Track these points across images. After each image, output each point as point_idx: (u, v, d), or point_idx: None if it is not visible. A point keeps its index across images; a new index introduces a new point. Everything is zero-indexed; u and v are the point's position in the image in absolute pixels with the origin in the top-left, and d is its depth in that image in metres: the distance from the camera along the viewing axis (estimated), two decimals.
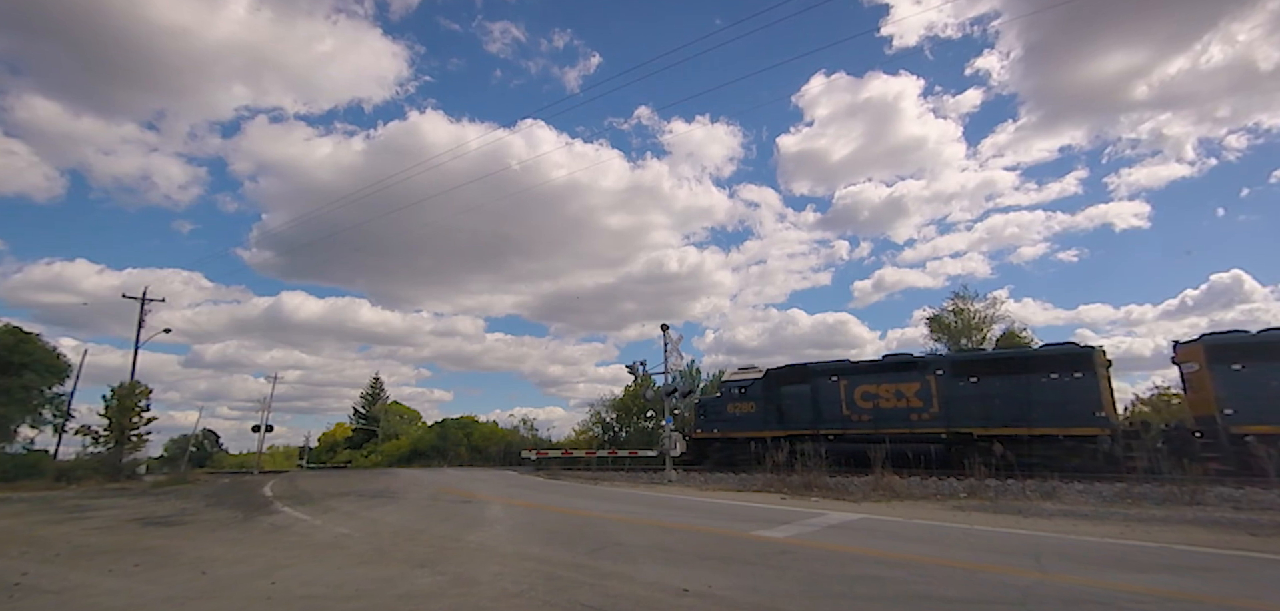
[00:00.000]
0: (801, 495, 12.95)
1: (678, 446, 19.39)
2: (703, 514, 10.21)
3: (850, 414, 19.75)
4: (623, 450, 23.61)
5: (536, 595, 4.90)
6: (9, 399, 24.46)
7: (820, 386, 20.71)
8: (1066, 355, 16.98)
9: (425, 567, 6.06)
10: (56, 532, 9.05)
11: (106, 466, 23.00)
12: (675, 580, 5.31)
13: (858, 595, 4.82)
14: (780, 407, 21.49)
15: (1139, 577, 5.35)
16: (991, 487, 12.40)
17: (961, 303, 31.34)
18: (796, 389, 21.33)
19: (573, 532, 8.32)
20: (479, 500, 12.86)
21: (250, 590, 5.28)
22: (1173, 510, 9.76)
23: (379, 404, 52.74)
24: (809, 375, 21.20)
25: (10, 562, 6.65)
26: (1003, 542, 7.16)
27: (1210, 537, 7.42)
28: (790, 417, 21.01)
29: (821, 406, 20.44)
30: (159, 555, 7.10)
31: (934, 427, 18.19)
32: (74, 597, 5.23)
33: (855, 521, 9.03)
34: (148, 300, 28.84)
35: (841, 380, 20.29)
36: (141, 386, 25.88)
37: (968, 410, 17.72)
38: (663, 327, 21.68)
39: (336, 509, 11.54)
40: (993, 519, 9.19)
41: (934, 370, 18.90)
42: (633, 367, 23.24)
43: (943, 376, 18.55)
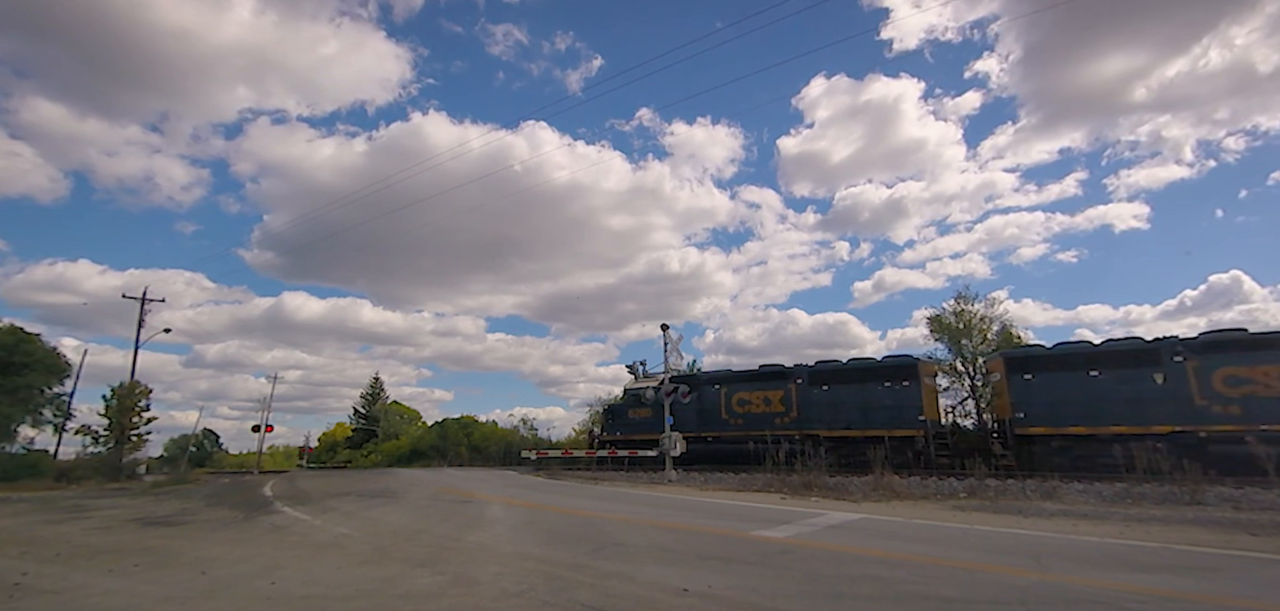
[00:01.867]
0: (801, 495, 12.95)
1: (678, 446, 19.39)
2: (702, 514, 10.21)
3: (728, 418, 22.06)
4: (623, 450, 23.58)
5: (536, 595, 4.89)
6: (9, 399, 24.46)
7: (706, 394, 22.97)
8: (896, 367, 19.34)
9: (425, 567, 6.06)
10: (56, 532, 9.05)
11: (106, 466, 23.02)
12: (675, 580, 5.30)
13: (858, 595, 4.82)
14: (676, 413, 23.32)
15: (1139, 577, 5.35)
16: (991, 487, 12.40)
17: (962, 303, 31.32)
18: (689, 397, 23.10)
19: (573, 532, 8.32)
20: (479, 500, 12.86)
21: (250, 590, 5.28)
22: (1173, 510, 9.76)
23: (379, 404, 52.69)
24: (697, 384, 23.46)
25: (10, 562, 6.65)
26: (1003, 542, 7.16)
27: (1210, 537, 7.42)
28: (686, 421, 22.88)
29: (706, 412, 22.68)
30: (159, 555, 7.10)
31: (790, 430, 20.35)
32: (74, 597, 5.23)
33: (855, 521, 9.03)
34: (148, 300, 28.82)
35: (723, 388, 22.61)
36: (141, 386, 25.90)
37: (819, 414, 20.15)
38: (663, 328, 21.70)
39: (336, 509, 11.54)
40: (993, 519, 9.19)
41: (795, 379, 21.09)
42: (633, 367, 23.32)
43: (801, 385, 20.84)
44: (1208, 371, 14.87)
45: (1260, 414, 14.00)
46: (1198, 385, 14.87)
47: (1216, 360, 14.87)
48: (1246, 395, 14.36)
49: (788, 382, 21.26)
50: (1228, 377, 14.66)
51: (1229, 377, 14.64)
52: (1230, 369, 14.69)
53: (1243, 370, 14.57)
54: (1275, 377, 14.13)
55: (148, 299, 28.80)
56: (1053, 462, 15.32)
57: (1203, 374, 14.89)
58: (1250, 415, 14.20)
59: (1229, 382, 14.62)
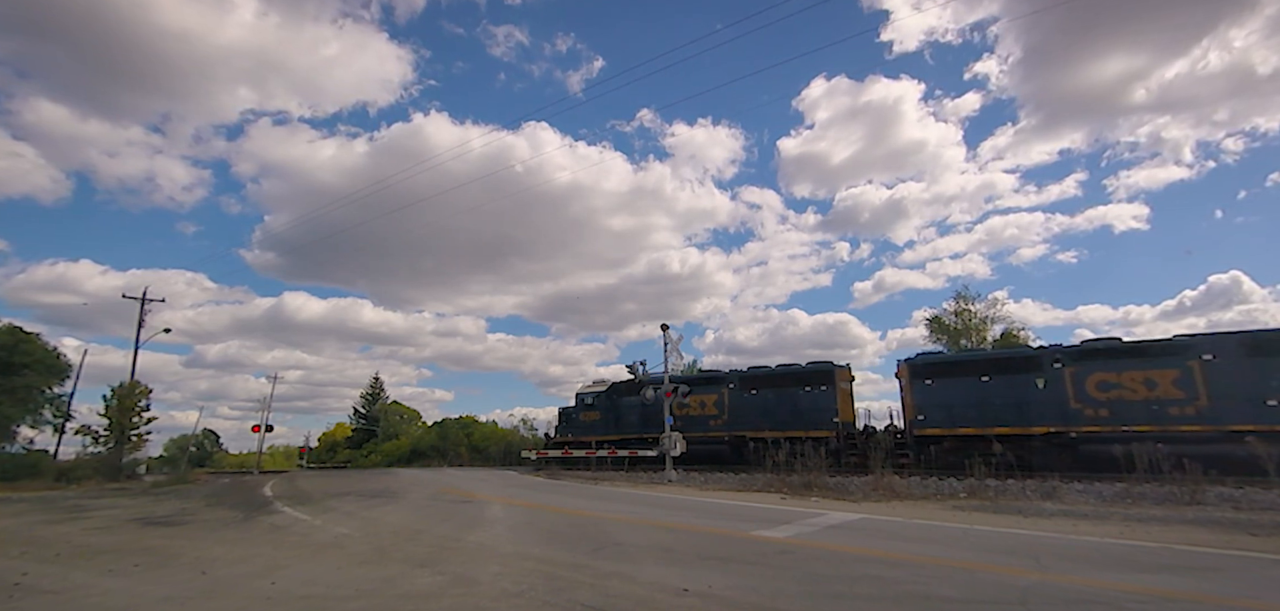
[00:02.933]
0: (801, 495, 12.95)
1: (678, 446, 19.40)
2: (702, 514, 10.21)
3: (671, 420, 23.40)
4: (622, 449, 23.61)
5: (536, 595, 4.89)
6: (9, 399, 24.46)
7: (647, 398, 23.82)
8: (815, 372, 20.79)
9: (425, 567, 6.06)
10: (56, 532, 9.05)
11: (106, 466, 22.99)
12: (675, 580, 5.30)
13: (858, 595, 4.82)
14: (618, 416, 25.09)
15: (1139, 577, 5.35)
16: (991, 488, 12.40)
17: (963, 304, 31.31)
18: (630, 400, 24.80)
19: (573, 532, 8.31)
20: (479, 500, 12.85)
21: (250, 590, 5.28)
22: (1173, 510, 9.76)
23: (379, 404, 52.64)
24: (641, 389, 24.16)
25: (10, 562, 6.65)
26: (1003, 542, 7.16)
27: (1210, 537, 7.42)
28: (625, 424, 24.55)
29: (649, 416, 23.56)
30: (159, 555, 7.10)
31: (722, 431, 21.78)
32: (74, 597, 5.23)
33: (855, 521, 9.03)
34: (148, 300, 28.81)
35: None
36: (141, 386, 25.86)
37: (748, 417, 21.42)
38: (663, 328, 21.68)
39: (336, 509, 11.53)
40: (993, 519, 9.19)
41: (728, 384, 22.51)
42: (633, 367, 23.32)
43: (733, 389, 22.24)
44: (1082, 377, 16.09)
45: (1126, 415, 15.31)
46: (1073, 390, 16.11)
47: (1090, 367, 16.15)
48: (1115, 399, 15.63)
49: (722, 387, 22.63)
50: (1099, 383, 15.90)
51: (1100, 383, 15.88)
52: (1101, 375, 15.91)
53: (1112, 376, 15.78)
54: (1140, 383, 15.37)
55: (148, 299, 28.80)
56: (946, 460, 16.76)
57: (1078, 379, 16.12)
58: (1117, 417, 15.46)
59: (1100, 387, 15.86)
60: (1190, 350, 15.33)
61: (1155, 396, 15.25)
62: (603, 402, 25.67)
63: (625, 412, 24.91)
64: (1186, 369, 15.17)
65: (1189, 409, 14.88)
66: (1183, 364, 15.22)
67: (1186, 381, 15.04)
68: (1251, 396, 14.25)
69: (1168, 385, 15.21)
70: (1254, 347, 14.72)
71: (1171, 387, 15.15)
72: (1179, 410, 14.95)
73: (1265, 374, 14.29)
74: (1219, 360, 14.94)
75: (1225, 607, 4.51)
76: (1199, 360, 15.10)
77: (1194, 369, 15.10)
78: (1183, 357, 15.29)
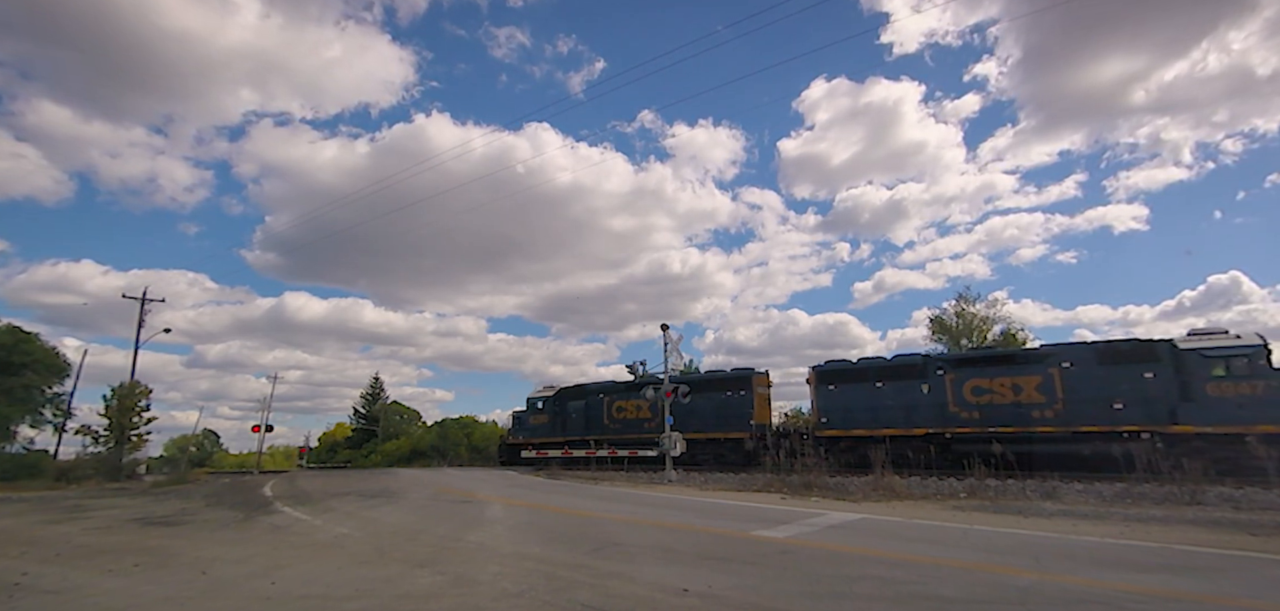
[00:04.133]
0: (801, 495, 12.94)
1: (678, 446, 19.39)
2: (702, 514, 10.20)
3: (609, 423, 25.07)
4: (622, 450, 23.66)
5: (536, 595, 4.89)
6: (9, 399, 24.45)
7: (592, 402, 25.83)
8: (735, 378, 22.66)
9: (425, 567, 6.05)
10: (56, 532, 9.05)
11: (106, 466, 22.98)
12: (675, 580, 5.30)
13: (858, 595, 4.81)
14: (565, 419, 26.51)
15: (1139, 577, 5.35)
16: (991, 488, 12.39)
17: (964, 304, 31.31)
18: (576, 404, 26.36)
19: (573, 532, 8.31)
20: (479, 500, 12.85)
21: (250, 590, 5.28)
22: (1173, 510, 9.75)
23: (379, 404, 52.62)
24: (585, 393, 26.37)
25: (10, 562, 6.64)
26: (1003, 542, 7.15)
27: (1210, 537, 7.41)
28: (571, 426, 25.96)
29: (591, 418, 25.51)
30: (159, 555, 7.10)
31: (655, 433, 22.32)
32: (74, 597, 5.23)
33: (855, 521, 9.02)
34: (148, 300, 28.81)
35: (605, 397, 25.62)
36: (141, 386, 25.86)
37: (681, 421, 22.06)
38: (663, 328, 21.67)
39: (336, 509, 11.53)
40: (993, 519, 9.18)
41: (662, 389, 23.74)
42: (633, 367, 23.29)
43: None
44: (960, 383, 17.56)
45: (996, 417, 16.81)
46: (952, 395, 17.61)
47: (967, 374, 17.63)
48: (986, 403, 17.14)
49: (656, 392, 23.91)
50: (974, 388, 17.42)
51: (975, 388, 17.41)
52: (976, 381, 17.42)
53: (985, 382, 17.31)
54: (1009, 388, 16.95)
55: (148, 299, 28.81)
56: (844, 459, 17.80)
57: (956, 385, 17.59)
58: (987, 419, 16.93)
59: (974, 392, 17.40)
60: (1051, 359, 16.81)
61: (1021, 400, 16.73)
62: (550, 407, 27.34)
63: (571, 416, 26.42)
64: (1048, 376, 16.56)
65: (1048, 411, 16.29)
66: (1045, 371, 16.63)
67: (1047, 387, 16.43)
68: (1100, 400, 15.69)
69: (1032, 390, 16.67)
70: (1104, 357, 16.15)
71: (1035, 393, 16.60)
72: (1040, 413, 16.38)
73: (1113, 381, 15.71)
74: (1075, 368, 16.32)
75: (1225, 607, 4.51)
76: (1058, 368, 16.49)
77: (1054, 376, 16.49)
78: (1045, 365, 16.71)
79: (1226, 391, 14.48)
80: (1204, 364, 14.88)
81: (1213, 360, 14.83)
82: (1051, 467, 14.58)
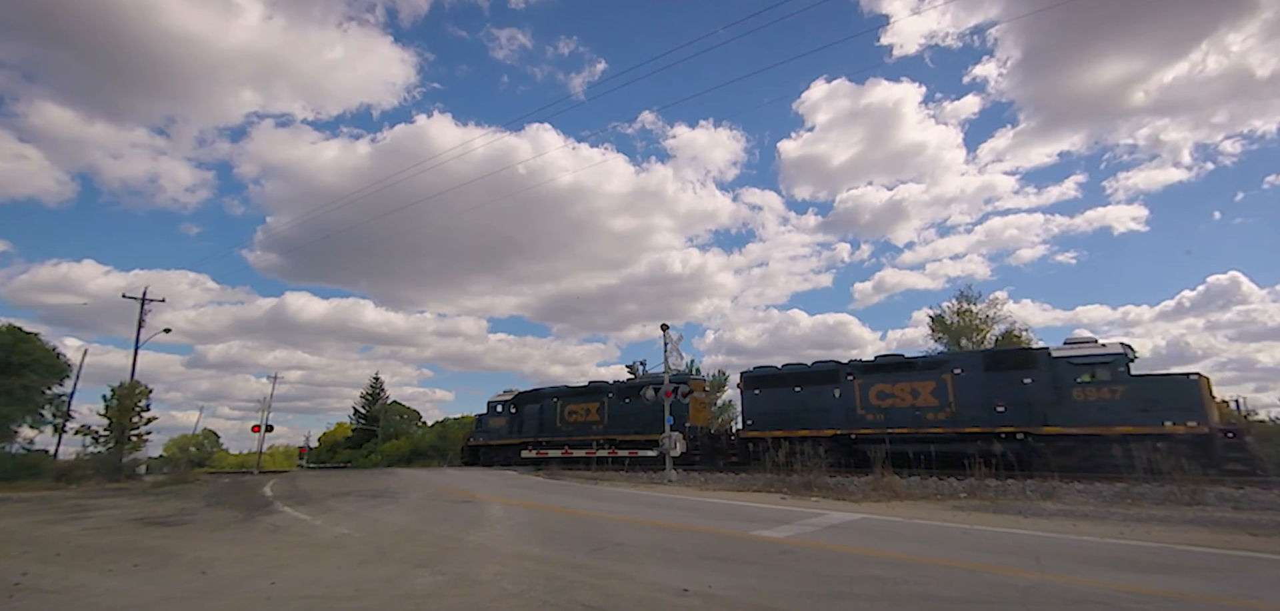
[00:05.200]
0: (801, 495, 12.94)
1: (678, 446, 19.38)
2: (702, 514, 10.20)
3: (561, 426, 26.59)
4: (623, 450, 23.71)
5: (536, 595, 4.89)
6: (9, 399, 24.45)
7: (546, 406, 27.34)
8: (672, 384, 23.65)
9: (425, 567, 6.05)
10: (56, 532, 9.05)
11: (106, 466, 22.97)
12: (675, 580, 5.30)
13: (858, 595, 4.81)
14: (521, 422, 28.12)
15: (1139, 577, 5.35)
16: (991, 487, 12.39)
17: (964, 303, 31.30)
18: (531, 408, 27.95)
19: (573, 532, 8.31)
20: (479, 500, 12.84)
21: (250, 590, 5.27)
22: (1173, 510, 9.75)
23: (379, 404, 52.62)
24: (541, 398, 27.91)
25: (10, 562, 6.64)
26: (1003, 542, 7.15)
27: (1210, 537, 7.41)
28: (527, 428, 27.62)
29: (545, 421, 27.08)
30: (159, 555, 7.10)
31: (601, 434, 24.87)
32: (74, 597, 5.23)
33: (855, 521, 9.02)
34: (148, 300, 28.80)
35: (558, 401, 27.16)
36: (141, 386, 25.86)
37: (622, 423, 24.57)
38: (663, 328, 21.65)
39: (336, 509, 11.53)
40: (993, 519, 9.18)
41: (607, 394, 25.86)
42: (633, 368, 23.29)
43: (611, 399, 25.54)
44: (867, 388, 18.94)
45: (896, 420, 18.25)
46: (860, 399, 19.02)
47: (873, 380, 18.95)
48: (888, 406, 18.51)
49: (603, 397, 25.90)
50: (878, 393, 18.80)
51: (879, 393, 18.79)
52: (881, 386, 18.79)
53: (888, 387, 18.67)
54: (907, 393, 18.35)
55: (148, 299, 28.79)
56: (765, 459, 18.20)
57: (863, 390, 18.97)
58: (889, 421, 18.33)
59: (879, 396, 18.77)
60: (945, 366, 18.36)
61: (917, 404, 18.14)
62: (508, 411, 29.11)
63: (527, 419, 28.07)
64: (941, 382, 17.97)
65: (942, 414, 17.71)
66: (939, 377, 18.05)
67: (941, 392, 17.87)
68: (985, 404, 17.10)
69: (927, 395, 18.10)
70: (990, 364, 17.66)
71: (930, 397, 18.02)
72: (934, 415, 17.80)
73: (996, 386, 17.15)
74: (965, 375, 17.79)
75: (1225, 607, 4.51)
76: (951, 374, 17.97)
77: (947, 382, 17.91)
78: (939, 372, 18.17)
79: (1090, 395, 15.77)
80: (1072, 371, 16.16)
81: (1079, 368, 16.14)
82: (942, 465, 16.17)
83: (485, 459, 29.17)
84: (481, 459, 29.36)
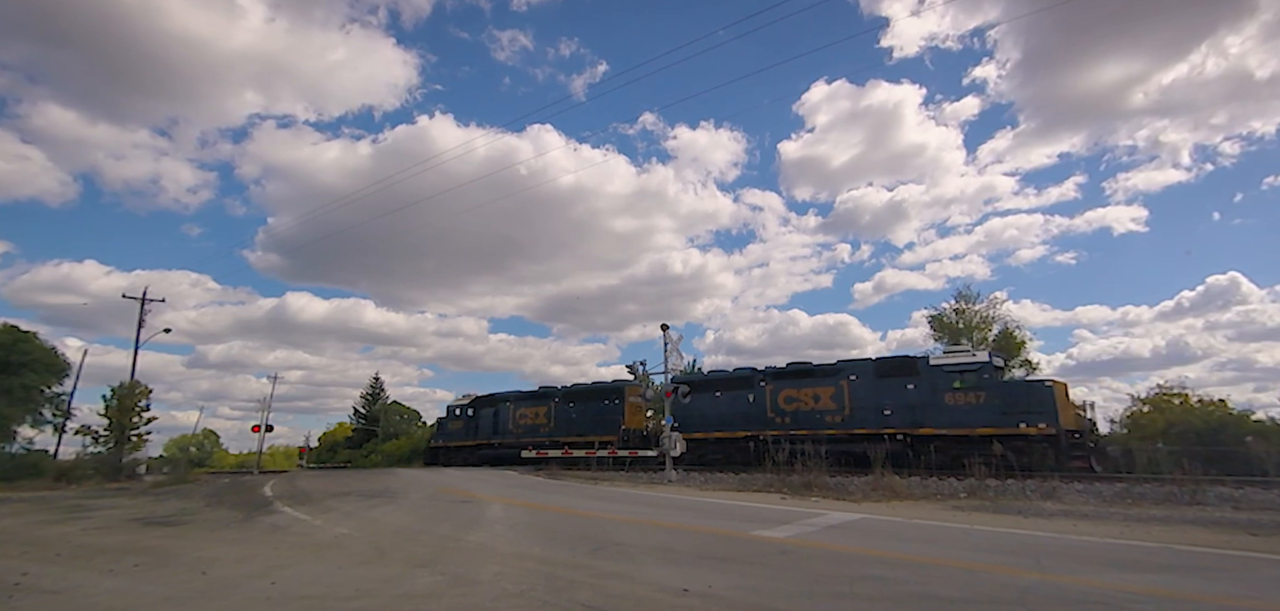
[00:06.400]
0: (801, 495, 12.94)
1: (678, 446, 19.41)
2: (702, 514, 10.20)
3: (513, 428, 28.44)
4: (623, 450, 23.75)
5: (536, 595, 4.89)
6: (9, 399, 24.40)
7: (500, 410, 29.26)
8: (610, 389, 26.62)
9: (425, 567, 6.05)
10: (56, 532, 9.04)
11: (106, 466, 22.96)
12: (675, 580, 5.30)
13: (858, 595, 4.81)
14: (477, 424, 30.12)
15: (1139, 577, 5.35)
16: (991, 488, 12.40)
17: (963, 304, 31.27)
18: (487, 411, 29.87)
19: (573, 532, 8.31)
20: (479, 500, 12.84)
21: (250, 590, 5.27)
22: (1173, 510, 9.76)
23: (379, 404, 52.58)
24: (495, 402, 29.79)
25: (10, 562, 6.64)
26: (1003, 542, 7.16)
27: (1210, 537, 7.41)
28: (482, 431, 29.70)
29: (499, 424, 29.03)
30: (159, 555, 7.10)
31: (547, 437, 26.56)
32: (74, 597, 5.23)
33: (855, 521, 9.02)
34: (148, 300, 28.80)
35: (510, 405, 28.97)
36: (141, 386, 25.85)
37: (566, 425, 26.34)
38: (663, 328, 21.66)
39: (336, 509, 11.52)
40: (993, 519, 9.19)
41: (554, 399, 27.47)
42: (633, 368, 23.32)
43: (558, 403, 27.18)
44: (776, 393, 20.52)
45: (801, 422, 19.85)
46: (770, 403, 20.61)
47: (783, 386, 20.57)
48: (794, 410, 20.20)
49: (550, 401, 27.55)
50: (786, 398, 20.41)
51: (787, 398, 20.40)
52: (789, 391, 20.41)
53: (794, 392, 20.33)
54: (810, 397, 20.02)
55: (148, 299, 28.79)
56: (686, 459, 20.92)
57: (774, 395, 20.57)
58: (795, 423, 19.87)
59: (786, 401, 20.38)
60: (842, 373, 19.87)
61: (819, 408, 19.83)
62: (464, 414, 30.96)
63: (482, 422, 29.89)
64: (839, 387, 19.63)
65: (838, 417, 19.39)
66: (837, 383, 19.71)
67: (838, 397, 19.58)
68: (876, 407, 18.72)
69: (827, 399, 19.80)
70: (880, 372, 19.09)
71: (829, 401, 19.73)
72: (832, 418, 19.44)
73: (885, 392, 18.75)
74: (859, 381, 19.34)
75: (1225, 607, 4.51)
76: (846, 380, 19.57)
77: (844, 387, 19.54)
78: (837, 379, 19.78)
79: (959, 400, 17.45)
80: (946, 378, 17.81)
81: (951, 375, 17.78)
82: (838, 463, 17.22)
83: (445, 459, 30.90)
84: (442, 459, 31.05)
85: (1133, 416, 25.76)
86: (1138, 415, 25.60)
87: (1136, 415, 25.37)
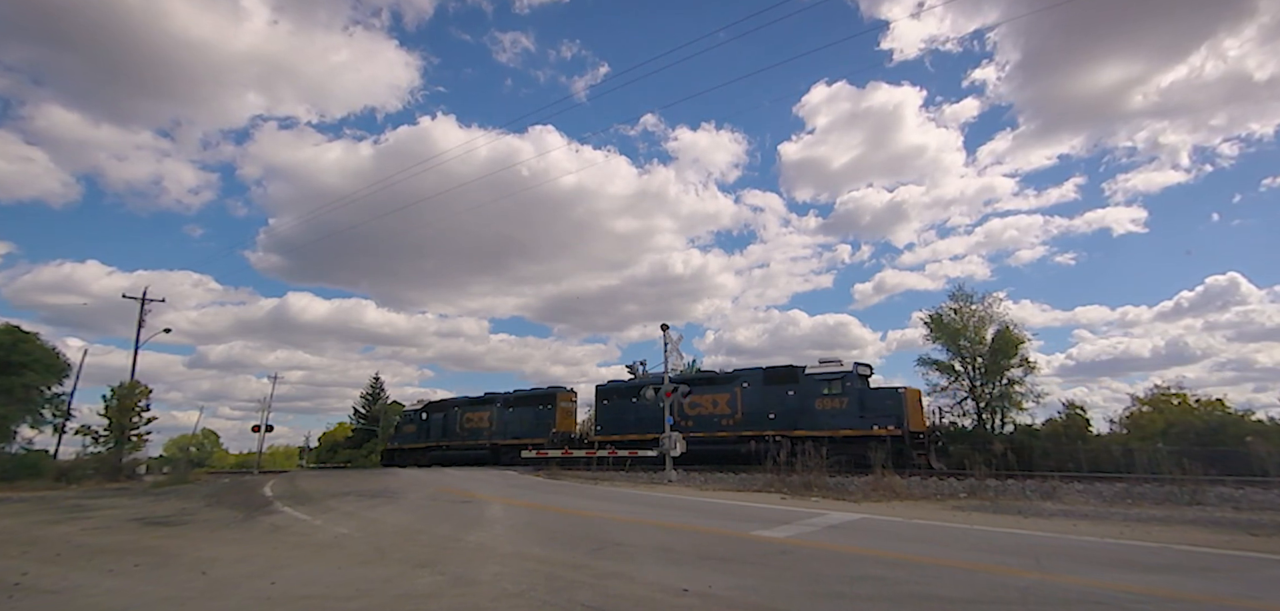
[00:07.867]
0: (801, 495, 12.94)
1: (678, 446, 19.40)
2: (702, 514, 10.20)
3: (459, 432, 30.29)
4: (622, 450, 23.79)
5: (536, 595, 4.89)
6: (9, 399, 24.38)
7: (449, 415, 31.06)
8: (543, 395, 28.22)
9: (425, 567, 6.05)
10: (56, 532, 9.04)
11: (106, 466, 22.97)
12: (675, 580, 5.30)
13: (858, 595, 4.81)
14: (429, 428, 31.86)
15: (1139, 577, 5.35)
16: (991, 487, 12.39)
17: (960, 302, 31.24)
18: (437, 417, 31.74)
19: (572, 532, 8.31)
20: (479, 500, 12.84)
21: (250, 590, 5.27)
22: (1173, 510, 9.76)
23: (379, 404, 52.55)
24: (444, 408, 31.81)
25: (10, 562, 6.63)
26: (1003, 542, 7.15)
27: (1210, 537, 7.41)
28: (433, 434, 31.43)
29: (448, 428, 30.71)
30: (159, 555, 7.09)
31: (489, 440, 28.62)
32: (74, 597, 5.22)
33: (855, 521, 9.02)
34: (148, 300, 28.83)
35: (459, 411, 30.83)
36: (141, 386, 25.86)
37: (506, 428, 28.53)
38: (663, 328, 21.68)
39: (336, 509, 11.52)
40: (993, 519, 9.18)
41: (495, 404, 29.29)
42: (633, 368, 23.36)
43: (498, 408, 29.11)
44: (681, 399, 21.91)
45: (703, 425, 22.24)
46: (677, 408, 21.89)
47: (689, 392, 22.43)
48: (698, 414, 22.57)
49: (493, 406, 29.41)
50: (691, 403, 22.62)
51: (692, 403, 22.65)
52: (694, 397, 22.66)
53: (698, 398, 22.72)
54: (709, 403, 22.54)
55: (148, 299, 28.82)
56: (610, 460, 22.86)
57: (677, 400, 21.50)
58: (697, 426, 22.25)
59: (691, 406, 22.63)
60: (736, 381, 22.03)
61: (716, 412, 22.13)
62: (417, 419, 32.94)
63: (433, 426, 31.62)
64: (733, 394, 21.75)
65: (731, 421, 21.53)
66: (732, 390, 21.86)
67: (733, 403, 21.70)
68: (763, 412, 20.73)
69: (723, 404, 21.99)
70: (767, 380, 21.06)
71: (725, 406, 21.92)
72: (727, 421, 21.67)
73: (770, 398, 20.78)
74: (750, 388, 21.44)
75: (1225, 607, 4.51)
76: (739, 387, 21.69)
77: (737, 394, 21.64)
78: (732, 386, 21.94)
79: (828, 405, 19.38)
80: (818, 385, 19.77)
81: (822, 382, 19.70)
82: (732, 462, 19.52)
83: (399, 461, 32.38)
84: (397, 461, 32.57)
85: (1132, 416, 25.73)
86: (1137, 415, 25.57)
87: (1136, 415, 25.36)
